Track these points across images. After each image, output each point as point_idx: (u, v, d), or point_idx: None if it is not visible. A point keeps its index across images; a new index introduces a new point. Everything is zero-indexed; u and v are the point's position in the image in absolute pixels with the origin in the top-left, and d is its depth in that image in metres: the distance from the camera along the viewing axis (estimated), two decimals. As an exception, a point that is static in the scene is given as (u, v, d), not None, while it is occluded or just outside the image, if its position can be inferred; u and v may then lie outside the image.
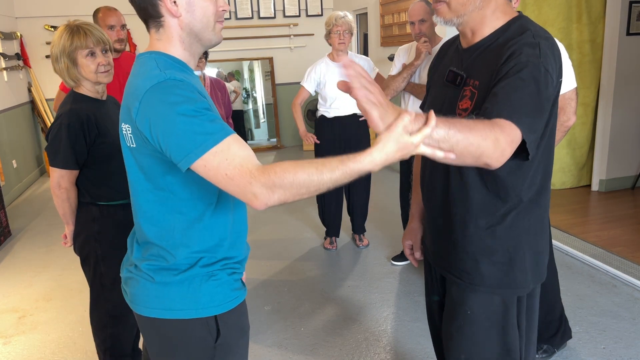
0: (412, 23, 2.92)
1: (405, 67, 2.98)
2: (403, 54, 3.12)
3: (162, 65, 1.09)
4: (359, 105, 0.97)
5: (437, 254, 1.48)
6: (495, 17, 1.27)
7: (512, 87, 1.13)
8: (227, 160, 0.99)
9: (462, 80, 1.32)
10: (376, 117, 0.95)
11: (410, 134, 0.94)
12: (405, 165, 3.18)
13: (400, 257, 3.41)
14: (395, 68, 3.10)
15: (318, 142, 3.53)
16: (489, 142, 1.04)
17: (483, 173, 1.26)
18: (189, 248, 1.15)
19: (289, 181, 0.97)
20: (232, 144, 1.01)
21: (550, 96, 1.17)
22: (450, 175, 1.34)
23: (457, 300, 1.41)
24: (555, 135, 1.33)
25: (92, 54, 1.86)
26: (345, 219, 3.79)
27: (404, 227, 3.37)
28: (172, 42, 1.14)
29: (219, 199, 1.17)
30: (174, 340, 1.18)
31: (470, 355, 1.41)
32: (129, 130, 1.10)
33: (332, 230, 3.72)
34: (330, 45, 3.41)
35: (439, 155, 1.00)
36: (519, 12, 1.31)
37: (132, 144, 1.10)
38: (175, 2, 1.10)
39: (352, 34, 3.37)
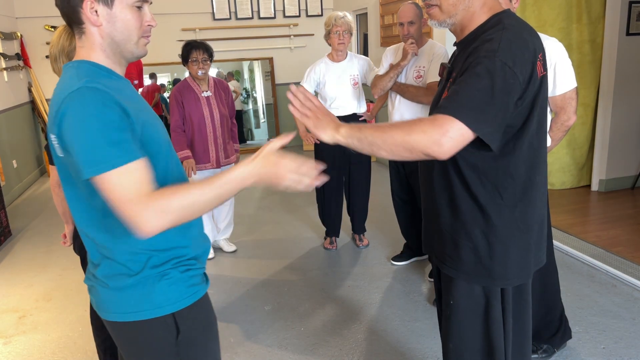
0: (401, 24, 2.97)
1: (392, 67, 3.01)
2: (390, 54, 3.17)
3: (83, 73, 1.09)
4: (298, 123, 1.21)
5: (428, 241, 1.56)
6: (482, 12, 1.31)
7: (463, 84, 1.20)
8: (122, 185, 1.00)
9: (448, 73, 1.39)
10: (311, 126, 1.30)
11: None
12: (394, 169, 3.21)
13: (400, 257, 3.42)
14: (382, 68, 3.16)
15: (318, 141, 3.53)
16: (416, 136, 1.18)
17: (460, 163, 1.32)
18: (131, 248, 1.15)
19: (176, 205, 1.01)
20: (134, 169, 1.02)
21: (510, 88, 1.19)
22: (434, 165, 1.41)
23: (446, 288, 1.48)
24: (544, 131, 1.36)
25: None
26: (345, 219, 3.79)
27: (400, 227, 3.39)
28: (94, 50, 1.13)
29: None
30: (137, 342, 1.20)
31: (456, 345, 1.47)
32: (55, 140, 1.09)
33: (332, 230, 3.72)
34: (330, 45, 3.42)
35: (302, 186, 1.12)
36: (507, 9, 1.34)
37: (61, 153, 1.10)
38: (96, 11, 1.09)
39: (351, 34, 3.39)
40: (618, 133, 4.47)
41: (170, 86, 11.05)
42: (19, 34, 6.24)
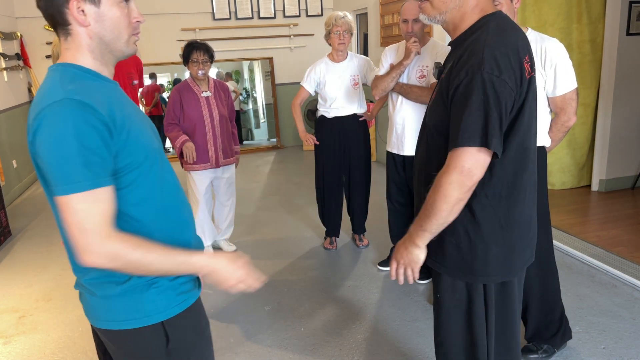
0: (405, 21, 2.87)
1: (393, 67, 2.95)
2: (390, 54, 3.10)
3: (67, 78, 1.04)
4: None
5: None
6: (473, 13, 1.32)
7: (458, 114, 1.25)
8: (82, 212, 0.99)
9: (439, 72, 1.43)
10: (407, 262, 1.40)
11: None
12: (394, 172, 3.19)
13: (387, 262, 3.36)
14: (382, 68, 3.07)
15: (317, 143, 3.53)
16: (450, 193, 1.25)
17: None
18: None
19: (131, 257, 1.04)
20: (94, 196, 1.00)
21: (502, 96, 1.22)
22: (426, 159, 1.44)
23: (434, 283, 1.52)
24: (534, 132, 1.39)
25: None
26: (345, 219, 3.79)
27: (390, 231, 3.30)
28: (81, 51, 1.09)
29: (141, 202, 1.13)
30: (127, 350, 1.19)
31: (442, 340, 1.51)
32: (29, 145, 1.06)
33: (332, 230, 3.72)
34: (330, 45, 3.41)
35: (242, 288, 1.23)
36: (498, 10, 1.35)
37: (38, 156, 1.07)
38: (83, 10, 1.05)
39: (351, 34, 3.37)
40: (618, 133, 4.47)
41: (170, 86, 11.05)
42: (18, 34, 6.24)
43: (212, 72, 8.83)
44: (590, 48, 4.46)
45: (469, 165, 1.23)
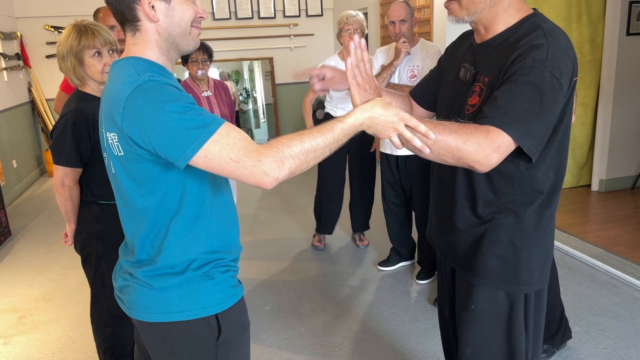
0: (393, 23, 2.92)
1: (384, 68, 2.98)
2: (381, 55, 3.13)
3: (140, 69, 1.07)
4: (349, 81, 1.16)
5: (445, 246, 1.50)
6: (508, 14, 1.27)
7: (511, 92, 1.15)
8: (229, 145, 0.99)
9: (473, 76, 1.33)
10: (354, 95, 1.16)
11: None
12: (388, 173, 3.18)
13: (387, 262, 3.37)
14: (373, 69, 3.10)
15: None
16: (469, 146, 1.12)
17: (491, 171, 1.26)
18: (186, 250, 1.15)
19: (297, 149, 1.01)
20: (230, 129, 1.01)
21: (556, 100, 1.17)
22: (457, 172, 1.36)
23: (465, 293, 1.43)
24: (569, 135, 1.33)
25: (99, 54, 1.87)
26: (345, 219, 3.79)
27: (389, 231, 3.32)
28: (149, 47, 1.12)
29: (212, 199, 1.17)
30: (176, 342, 1.18)
31: (476, 350, 1.43)
32: (115, 138, 1.08)
33: (325, 227, 3.72)
34: (342, 44, 3.41)
35: (416, 143, 1.10)
36: (534, 9, 1.30)
37: (120, 152, 1.09)
38: (153, 6, 1.08)
39: (363, 33, 3.37)
40: (618, 133, 4.47)
41: (170, 86, 11.01)
42: (18, 34, 6.23)
43: (215, 72, 8.84)
44: (590, 48, 4.46)
45: (502, 150, 1.14)
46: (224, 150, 0.99)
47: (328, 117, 3.53)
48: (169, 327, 1.16)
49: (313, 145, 1.03)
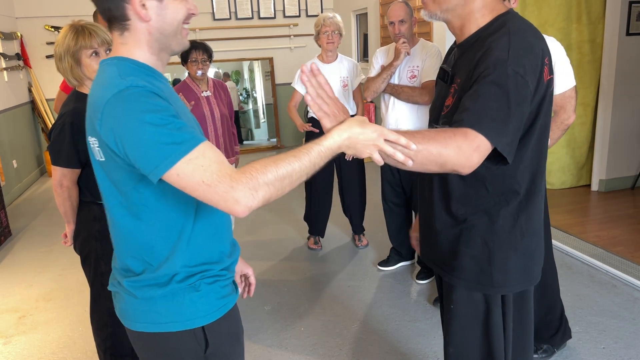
0: (392, 23, 2.92)
1: (384, 68, 2.98)
2: (381, 55, 3.12)
3: (125, 72, 1.02)
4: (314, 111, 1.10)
5: (425, 246, 1.52)
6: (481, 14, 1.27)
7: (478, 94, 1.16)
8: (203, 167, 0.94)
9: (450, 77, 1.34)
10: (327, 125, 1.08)
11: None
12: (388, 173, 3.17)
13: (387, 262, 3.37)
14: (373, 70, 3.10)
15: (317, 130, 3.52)
16: (450, 150, 1.11)
17: None
18: (171, 262, 1.11)
19: (272, 176, 0.96)
20: (206, 150, 0.96)
21: (524, 97, 1.16)
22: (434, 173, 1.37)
23: (446, 293, 1.45)
24: (547, 135, 1.33)
25: (96, 54, 1.87)
26: (345, 219, 3.80)
27: (389, 231, 3.34)
28: (139, 47, 1.06)
29: (197, 210, 1.12)
30: (163, 353, 1.16)
31: (456, 350, 1.45)
32: (95, 143, 1.04)
33: (316, 230, 3.73)
34: (320, 46, 3.42)
35: (399, 157, 1.07)
36: (510, 9, 1.30)
37: (101, 157, 1.05)
38: (144, 5, 1.02)
39: (341, 35, 3.37)
40: (618, 133, 4.47)
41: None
42: (19, 34, 6.24)
43: (210, 72, 8.82)
44: (589, 48, 4.46)
45: (481, 150, 1.13)
46: (196, 171, 0.93)
47: (313, 119, 3.53)
48: (154, 338, 1.14)
49: (289, 171, 0.98)
